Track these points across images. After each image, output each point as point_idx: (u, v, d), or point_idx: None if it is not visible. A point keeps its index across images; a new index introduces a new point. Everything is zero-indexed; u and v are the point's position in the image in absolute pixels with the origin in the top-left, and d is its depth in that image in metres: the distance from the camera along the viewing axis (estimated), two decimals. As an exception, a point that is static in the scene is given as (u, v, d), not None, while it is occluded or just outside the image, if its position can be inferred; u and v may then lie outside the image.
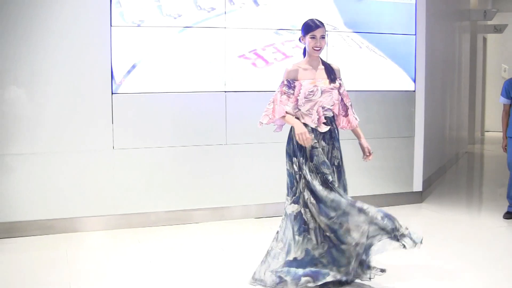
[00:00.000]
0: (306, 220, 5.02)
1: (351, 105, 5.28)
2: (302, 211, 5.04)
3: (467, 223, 7.67)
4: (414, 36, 8.35)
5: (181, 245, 6.55)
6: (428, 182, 9.28)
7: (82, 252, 6.30)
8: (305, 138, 4.95)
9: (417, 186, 8.59)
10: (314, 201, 4.97)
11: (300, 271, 4.96)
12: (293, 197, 5.11)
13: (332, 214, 4.93)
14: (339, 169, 5.18)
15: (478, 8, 14.91)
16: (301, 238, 5.04)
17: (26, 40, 6.63)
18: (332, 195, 4.94)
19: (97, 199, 7.00)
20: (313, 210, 4.97)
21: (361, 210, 4.90)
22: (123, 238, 6.78)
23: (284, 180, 5.19)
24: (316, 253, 4.99)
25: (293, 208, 5.09)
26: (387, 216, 4.91)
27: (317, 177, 5.01)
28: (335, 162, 5.15)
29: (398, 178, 8.45)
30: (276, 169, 7.06)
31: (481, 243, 6.61)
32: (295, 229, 5.06)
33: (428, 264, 5.87)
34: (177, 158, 7.29)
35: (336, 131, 5.19)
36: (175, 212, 7.31)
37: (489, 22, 16.35)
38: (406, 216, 7.86)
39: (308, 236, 5.02)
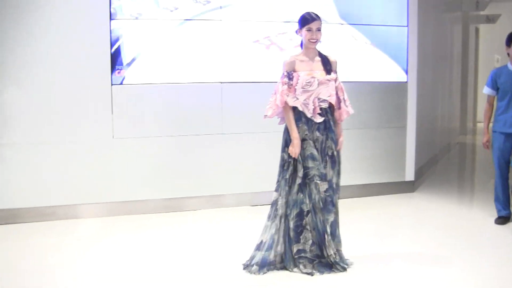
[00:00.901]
0: (277, 207, 5.27)
1: (343, 99, 5.38)
2: (279, 199, 5.27)
3: (458, 212, 7.76)
4: (406, 27, 8.45)
5: (177, 231, 6.68)
6: (420, 172, 9.40)
7: (83, 238, 6.44)
8: (295, 153, 5.17)
9: (409, 175, 8.71)
10: (288, 191, 5.26)
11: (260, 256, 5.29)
12: (275, 185, 5.34)
13: (288, 211, 5.26)
14: (333, 159, 5.31)
15: (471, -2, 14.97)
16: (269, 223, 5.32)
17: (25, 32, 6.74)
18: (297, 197, 5.24)
19: (97, 186, 7.14)
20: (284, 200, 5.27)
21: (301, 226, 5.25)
22: (122, 224, 6.92)
23: (277, 168, 5.36)
24: (275, 237, 5.28)
25: (273, 196, 5.33)
26: (320, 242, 5.23)
27: (302, 168, 5.21)
28: (328, 152, 5.29)
29: (390, 168, 8.56)
30: (271, 158, 7.23)
31: (471, 233, 6.71)
32: (269, 214, 5.35)
33: (418, 252, 6.00)
34: (175, 147, 7.42)
35: (331, 122, 5.32)
36: (172, 199, 7.44)
37: (482, 12, 16.36)
38: (398, 206, 8.03)
39: (275, 222, 5.27)
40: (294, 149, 5.17)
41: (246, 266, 5.30)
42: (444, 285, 5.01)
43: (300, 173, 5.20)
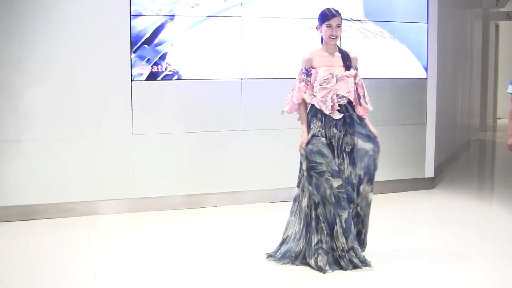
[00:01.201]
0: (299, 202, 5.34)
1: (363, 96, 5.36)
2: (301, 194, 5.33)
3: (477, 209, 7.71)
4: (426, 24, 8.43)
5: (197, 227, 6.70)
6: (440, 169, 9.37)
7: (103, 234, 6.47)
8: (301, 143, 5.23)
9: (429, 172, 8.67)
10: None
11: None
12: (297, 181, 5.39)
13: (311, 202, 5.29)
14: (352, 155, 5.29)
15: (491, -5, 14.90)
16: (293, 218, 5.40)
17: (43, 27, 6.78)
18: (310, 188, 5.24)
19: (116, 183, 7.17)
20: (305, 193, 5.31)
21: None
22: (141, 221, 6.94)
23: (297, 165, 5.36)
24: (300, 232, 5.36)
25: (295, 192, 5.39)
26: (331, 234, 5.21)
27: (305, 161, 5.22)
28: (346, 148, 5.26)
29: (410, 164, 8.53)
30: (290, 155, 7.26)
31: (489, 229, 6.69)
32: (292, 210, 5.41)
33: (435, 246, 6.01)
34: (194, 143, 7.43)
35: (352, 118, 5.27)
36: (192, 196, 7.46)
37: (502, 9, 16.29)
38: (418, 202, 8.01)
39: (299, 217, 5.35)
40: (301, 141, 5.22)
41: (269, 256, 5.41)
42: (464, 281, 5.00)
43: (304, 166, 5.22)
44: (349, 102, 5.29)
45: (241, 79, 7.51)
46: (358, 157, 5.30)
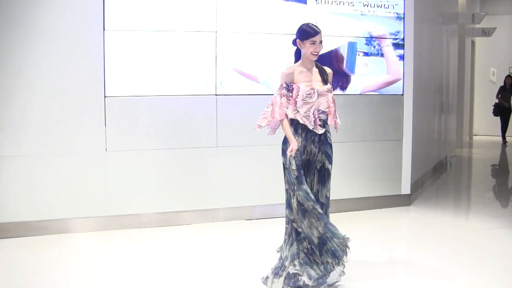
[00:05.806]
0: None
1: (335, 110, 5.33)
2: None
3: (454, 225, 7.73)
4: (403, 40, 8.43)
5: (172, 245, 6.63)
6: (416, 185, 9.36)
7: (77, 252, 6.36)
8: (292, 149, 5.05)
9: (405, 189, 8.66)
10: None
11: None
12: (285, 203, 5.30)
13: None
14: (321, 173, 5.24)
15: (466, 12, 15.01)
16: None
17: (18, 44, 6.69)
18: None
19: (90, 200, 7.07)
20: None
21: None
22: (115, 238, 6.85)
23: (272, 182, 5.30)
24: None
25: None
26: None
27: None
28: (318, 165, 5.22)
29: (387, 181, 8.51)
30: (266, 172, 7.23)
31: (466, 245, 6.71)
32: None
33: (413, 263, 6.00)
34: (169, 160, 7.36)
35: (327, 135, 5.25)
36: (166, 213, 7.37)
37: (478, 26, 16.44)
38: (394, 219, 7.99)
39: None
40: (291, 147, 5.06)
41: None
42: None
43: (294, 166, 5.08)
44: (326, 117, 5.26)
45: (216, 95, 7.45)
46: (326, 178, 5.27)
